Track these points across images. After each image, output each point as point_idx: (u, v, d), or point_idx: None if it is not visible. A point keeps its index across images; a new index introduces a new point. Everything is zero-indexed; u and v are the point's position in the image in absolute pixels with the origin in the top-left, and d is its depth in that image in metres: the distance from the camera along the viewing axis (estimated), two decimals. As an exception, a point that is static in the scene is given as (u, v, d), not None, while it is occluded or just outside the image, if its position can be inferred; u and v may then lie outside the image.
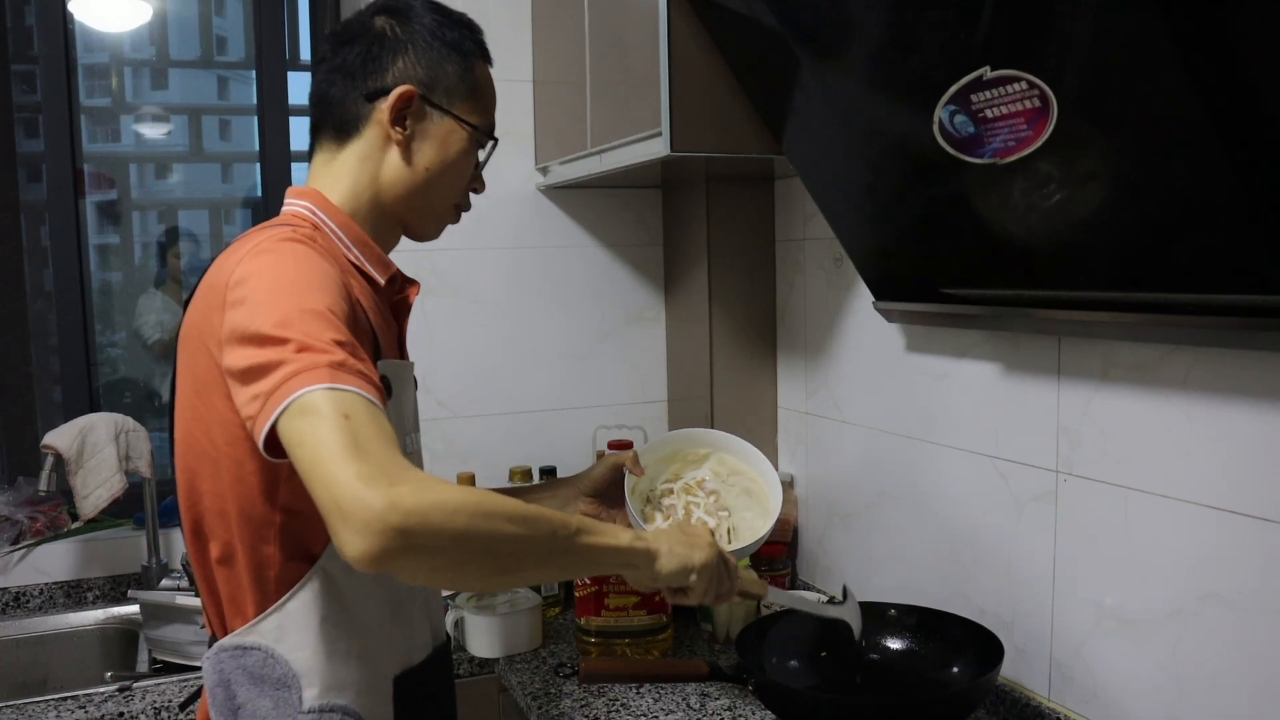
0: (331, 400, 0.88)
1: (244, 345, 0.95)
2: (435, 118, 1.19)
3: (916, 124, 1.20)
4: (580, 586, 1.78)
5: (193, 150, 3.85)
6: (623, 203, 2.30)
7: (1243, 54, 0.89)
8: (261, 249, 1.04)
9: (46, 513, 2.16)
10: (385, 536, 0.83)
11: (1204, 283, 1.08)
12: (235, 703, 1.09)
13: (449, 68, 1.19)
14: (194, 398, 1.07)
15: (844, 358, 1.92)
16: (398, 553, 0.83)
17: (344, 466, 0.85)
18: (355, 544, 0.83)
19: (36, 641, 2.02)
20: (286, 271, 1.01)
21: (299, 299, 0.97)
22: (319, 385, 0.89)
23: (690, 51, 1.58)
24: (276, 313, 0.95)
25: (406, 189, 1.19)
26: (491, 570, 0.93)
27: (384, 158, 1.19)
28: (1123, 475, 1.33)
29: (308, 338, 0.93)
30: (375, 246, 1.20)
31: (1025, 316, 1.38)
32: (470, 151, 1.22)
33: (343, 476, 0.84)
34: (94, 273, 2.65)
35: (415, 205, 1.21)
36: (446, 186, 1.22)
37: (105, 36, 3.06)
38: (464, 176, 1.23)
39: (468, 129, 1.20)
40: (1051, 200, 1.16)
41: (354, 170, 1.19)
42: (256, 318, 0.95)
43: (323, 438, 0.86)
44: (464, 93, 1.20)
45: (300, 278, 1.00)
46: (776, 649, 1.53)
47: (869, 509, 1.86)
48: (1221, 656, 1.21)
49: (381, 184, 1.19)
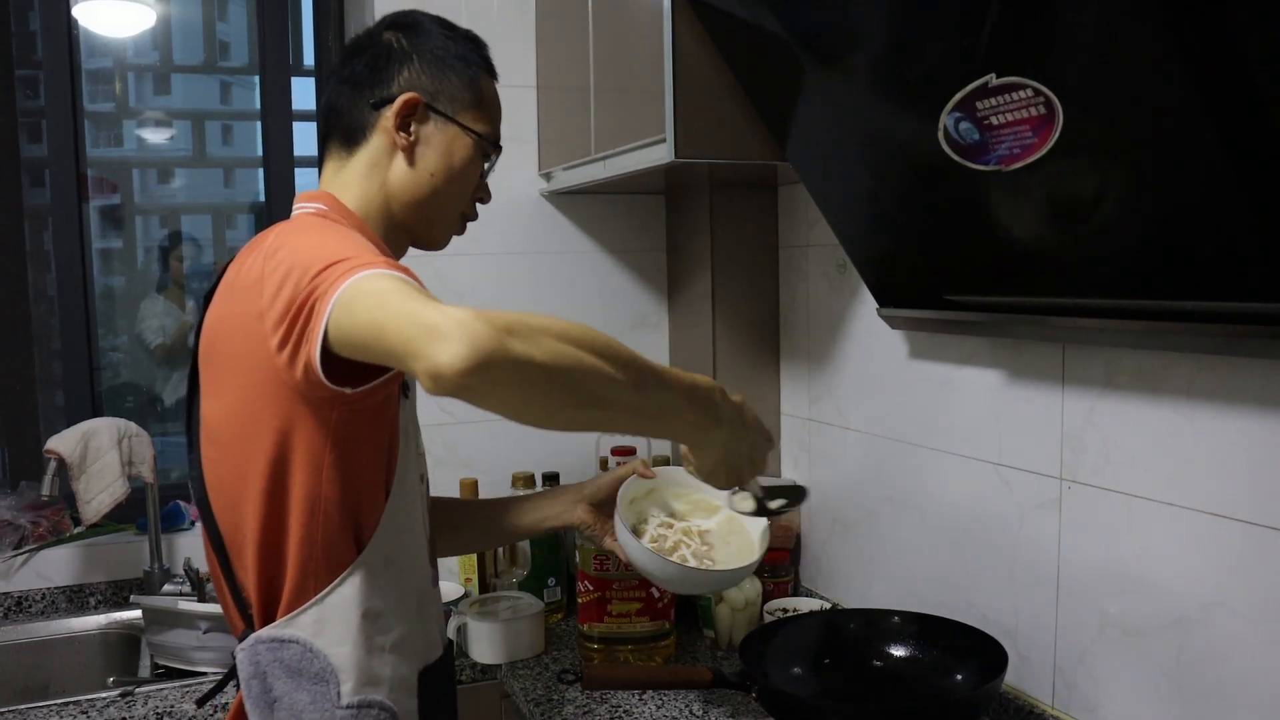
0: (388, 277, 0.92)
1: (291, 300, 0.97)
2: (440, 124, 1.22)
3: (921, 131, 1.20)
4: (582, 592, 1.78)
5: (195, 155, 3.85)
6: (626, 208, 2.31)
7: (1248, 61, 0.89)
8: (294, 227, 1.10)
9: (49, 517, 2.16)
10: (484, 339, 0.82)
11: (1209, 290, 1.08)
12: (272, 695, 1.11)
13: (453, 78, 1.23)
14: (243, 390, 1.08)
15: (847, 364, 1.92)
16: (496, 355, 0.82)
17: (420, 302, 0.87)
18: (454, 352, 0.81)
19: (39, 646, 2.02)
20: (328, 233, 1.07)
21: (341, 243, 1.01)
22: (369, 271, 0.93)
23: (694, 57, 1.58)
24: (321, 253, 0.98)
25: (413, 195, 1.22)
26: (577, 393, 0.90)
27: (391, 164, 1.22)
28: (1127, 483, 1.33)
29: (356, 251, 0.98)
30: (386, 248, 1.21)
31: (1029, 323, 1.38)
32: (475, 159, 1.25)
33: (427, 306, 0.86)
34: (96, 277, 2.65)
35: (422, 212, 1.24)
36: (452, 193, 1.25)
37: (109, 42, 3.06)
38: (470, 184, 1.26)
39: (472, 136, 1.24)
40: (1056, 207, 1.16)
41: (363, 177, 1.22)
42: (297, 266, 0.98)
43: (390, 293, 0.89)
44: (468, 102, 1.24)
45: (340, 234, 1.07)
46: (779, 656, 1.53)
47: (872, 516, 1.86)
48: (1226, 665, 1.21)
49: (390, 191, 1.22)
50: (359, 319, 0.90)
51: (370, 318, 0.89)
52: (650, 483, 1.45)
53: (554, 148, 2.15)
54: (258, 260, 1.06)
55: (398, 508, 1.15)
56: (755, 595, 1.86)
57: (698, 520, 1.45)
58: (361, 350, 0.92)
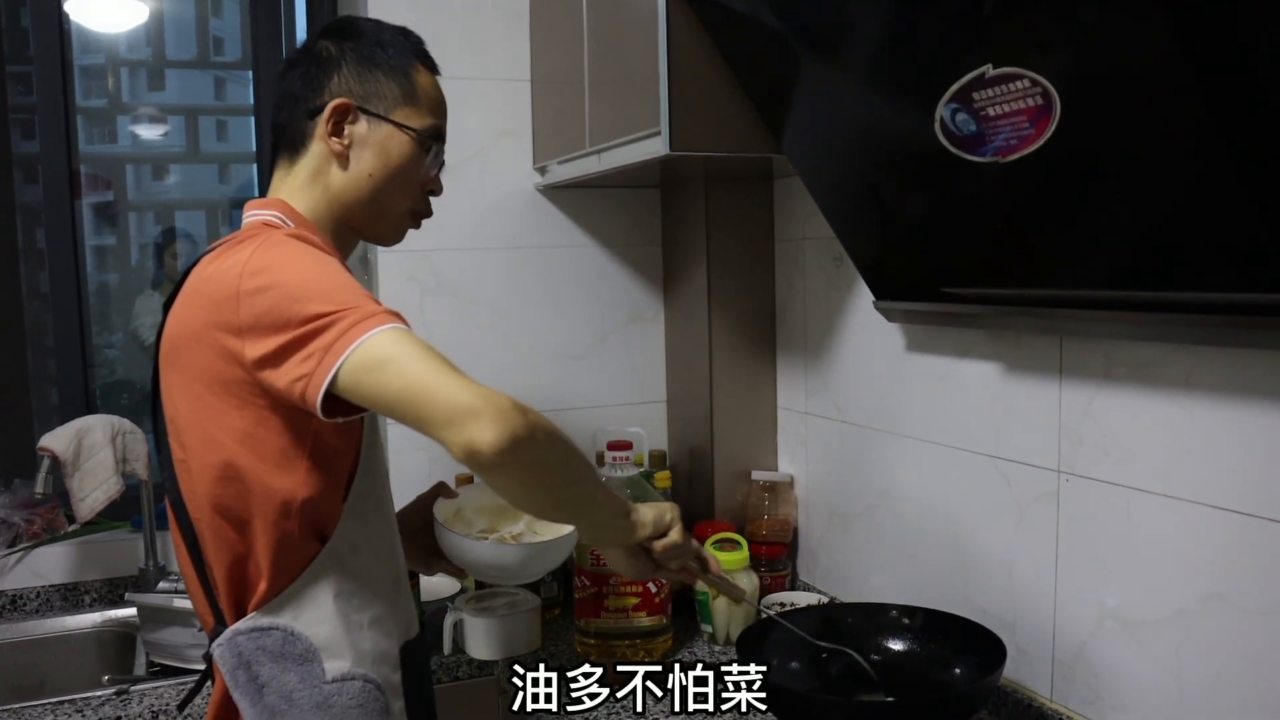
0: (404, 337, 0.99)
1: (283, 329, 1.02)
2: (373, 125, 1.24)
3: (918, 122, 1.20)
4: (579, 588, 1.77)
5: (189, 151, 3.84)
6: (621, 202, 2.30)
7: (1248, 50, 0.88)
8: (273, 243, 1.10)
9: (43, 515, 2.15)
10: (519, 425, 0.96)
11: (1207, 281, 1.08)
12: (259, 681, 1.14)
13: (382, 77, 1.25)
14: (206, 393, 1.10)
15: (844, 357, 1.91)
16: (526, 441, 0.97)
17: (454, 379, 0.97)
18: (490, 431, 0.94)
19: (33, 645, 2.01)
20: (310, 259, 1.08)
21: (333, 278, 1.05)
22: (385, 326, 0.99)
23: (689, 50, 1.58)
24: (316, 290, 1.02)
25: (355, 197, 1.25)
26: (567, 492, 1.11)
27: (331, 169, 1.25)
28: (1125, 475, 1.33)
29: (356, 299, 1.02)
30: (338, 251, 1.24)
31: (1027, 316, 1.37)
32: (416, 156, 1.26)
33: (459, 384, 0.96)
34: (90, 274, 2.63)
35: (368, 212, 1.27)
36: (394, 191, 1.26)
37: (101, 37, 3.04)
38: (413, 180, 1.27)
39: (408, 133, 1.25)
40: (1053, 199, 1.16)
41: (306, 184, 1.25)
42: (296, 301, 1.02)
43: (417, 360, 0.97)
44: (399, 98, 1.26)
45: (324, 263, 1.08)
46: (777, 650, 1.52)
47: (869, 509, 1.86)
48: (1225, 657, 1.21)
49: (333, 195, 1.25)
50: (389, 385, 0.97)
51: (403, 385, 0.97)
52: (455, 502, 1.48)
53: (548, 141, 2.14)
54: (231, 276, 1.07)
55: (363, 495, 1.19)
56: (753, 590, 1.86)
57: (508, 528, 1.50)
58: (384, 409, 1.00)
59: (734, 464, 2.13)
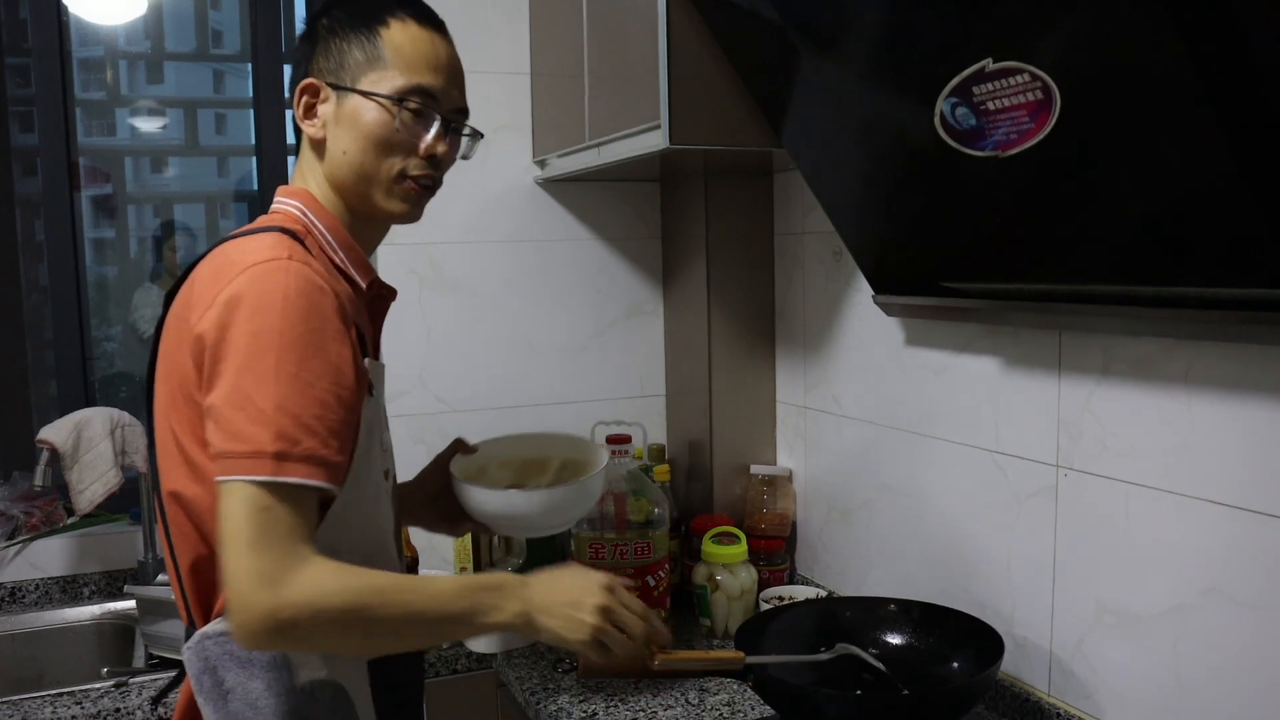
0: (260, 495, 1.00)
1: (226, 395, 1.02)
2: (340, 99, 1.18)
3: (917, 116, 1.19)
4: (578, 581, 1.77)
5: (188, 144, 3.84)
6: (621, 196, 2.29)
7: (1247, 45, 0.88)
8: (261, 272, 1.05)
9: (42, 508, 2.15)
10: (262, 636, 0.98)
11: (1207, 276, 1.08)
12: (224, 687, 1.10)
13: (346, 45, 1.19)
14: (175, 393, 1.09)
15: (843, 352, 1.91)
16: (273, 644, 1.03)
17: (244, 561, 0.98)
18: (238, 634, 0.99)
19: (32, 637, 2.01)
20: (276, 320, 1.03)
21: (286, 365, 1.02)
22: (257, 477, 0.99)
23: (689, 43, 1.57)
24: (260, 379, 1.01)
25: (343, 178, 1.20)
26: (366, 647, 1.11)
27: (321, 154, 1.21)
28: (1123, 470, 1.33)
29: (277, 416, 1.00)
30: (359, 249, 1.21)
31: (1026, 310, 1.37)
32: (388, 119, 1.17)
33: (241, 572, 0.98)
34: (90, 267, 2.64)
35: (358, 190, 1.20)
36: (374, 161, 1.18)
37: (100, 29, 3.04)
38: (394, 146, 1.18)
39: (375, 100, 1.17)
40: (1053, 193, 1.15)
41: (310, 173, 1.22)
42: (242, 374, 1.01)
43: (238, 527, 0.99)
44: (365, 62, 1.18)
45: (292, 333, 1.03)
46: (776, 643, 1.53)
47: (868, 504, 1.86)
48: (1222, 651, 1.21)
49: (330, 180, 1.21)
50: (219, 521, 1.01)
51: (219, 538, 1.01)
52: (476, 458, 1.44)
53: (548, 135, 2.14)
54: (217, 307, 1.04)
55: (350, 503, 1.11)
56: (751, 584, 1.86)
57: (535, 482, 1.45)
58: None
59: (733, 458, 2.13)
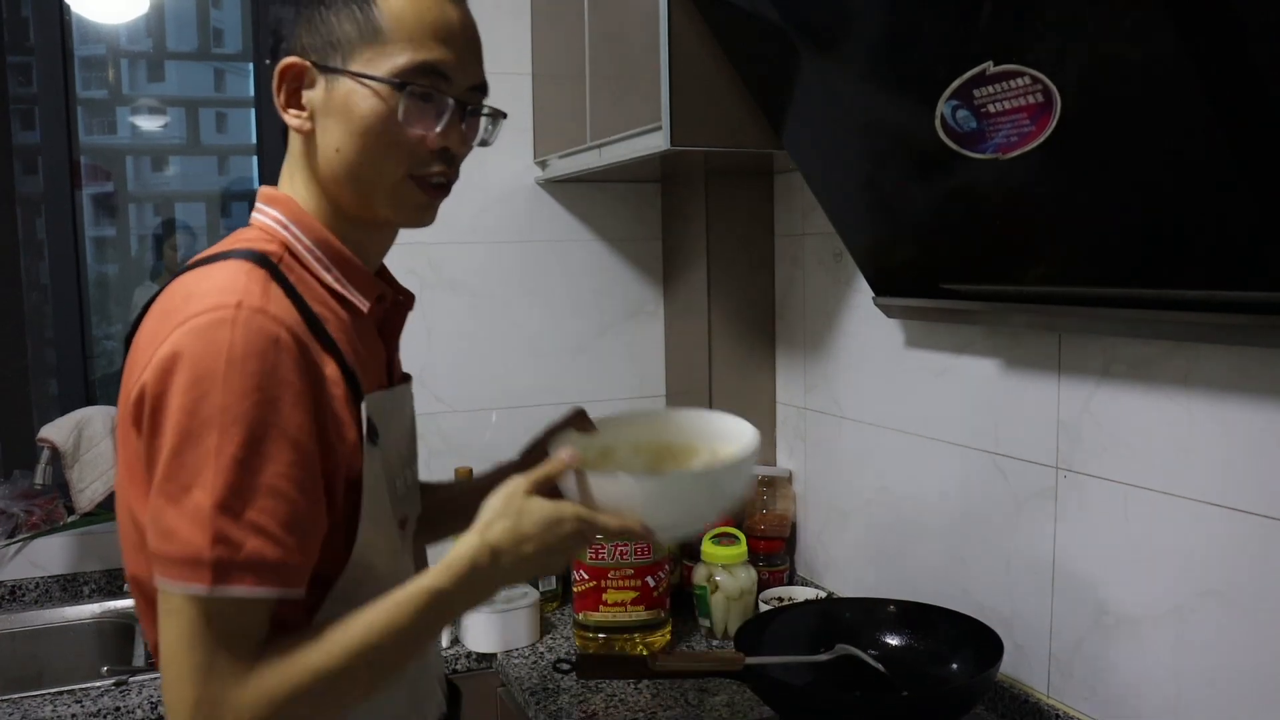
0: (197, 610, 0.86)
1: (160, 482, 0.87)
2: (331, 84, 0.99)
3: (918, 119, 1.20)
4: (579, 581, 1.78)
5: (189, 143, 3.84)
6: (621, 197, 2.30)
7: (1247, 48, 0.88)
8: (202, 326, 0.88)
9: (42, 506, 2.15)
10: None
11: (1206, 279, 1.08)
12: None
13: (333, 18, 0.99)
14: (131, 462, 0.95)
15: (843, 353, 1.91)
16: None
17: (181, 689, 0.86)
18: None
19: (32, 635, 2.01)
20: (217, 391, 0.86)
21: (228, 447, 0.86)
22: (193, 589, 0.85)
23: (690, 45, 1.58)
24: (197, 465, 0.86)
25: (336, 179, 1.01)
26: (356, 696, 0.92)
27: (309, 150, 1.02)
28: (1123, 472, 1.33)
29: (215, 515, 0.85)
30: (357, 262, 1.03)
31: (1026, 312, 1.37)
32: (387, 107, 0.98)
33: (177, 703, 0.86)
34: (90, 265, 2.64)
35: (356, 194, 1.02)
36: (375, 159, 0.99)
37: (102, 28, 3.04)
38: (396, 141, 0.99)
39: (371, 84, 0.97)
40: (1053, 195, 1.16)
41: (300, 173, 1.04)
42: (177, 458, 0.86)
43: (172, 648, 0.86)
44: (358, 39, 0.98)
45: (236, 407, 0.86)
46: (775, 644, 1.53)
47: (868, 505, 1.86)
48: (1221, 653, 1.21)
49: (320, 181, 1.03)
50: (161, 636, 0.88)
51: (159, 652, 0.89)
52: (596, 440, 1.17)
53: (549, 136, 2.14)
54: (154, 367, 0.88)
55: (359, 580, 0.97)
56: (750, 584, 1.86)
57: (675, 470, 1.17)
58: None
59: (733, 458, 2.13)
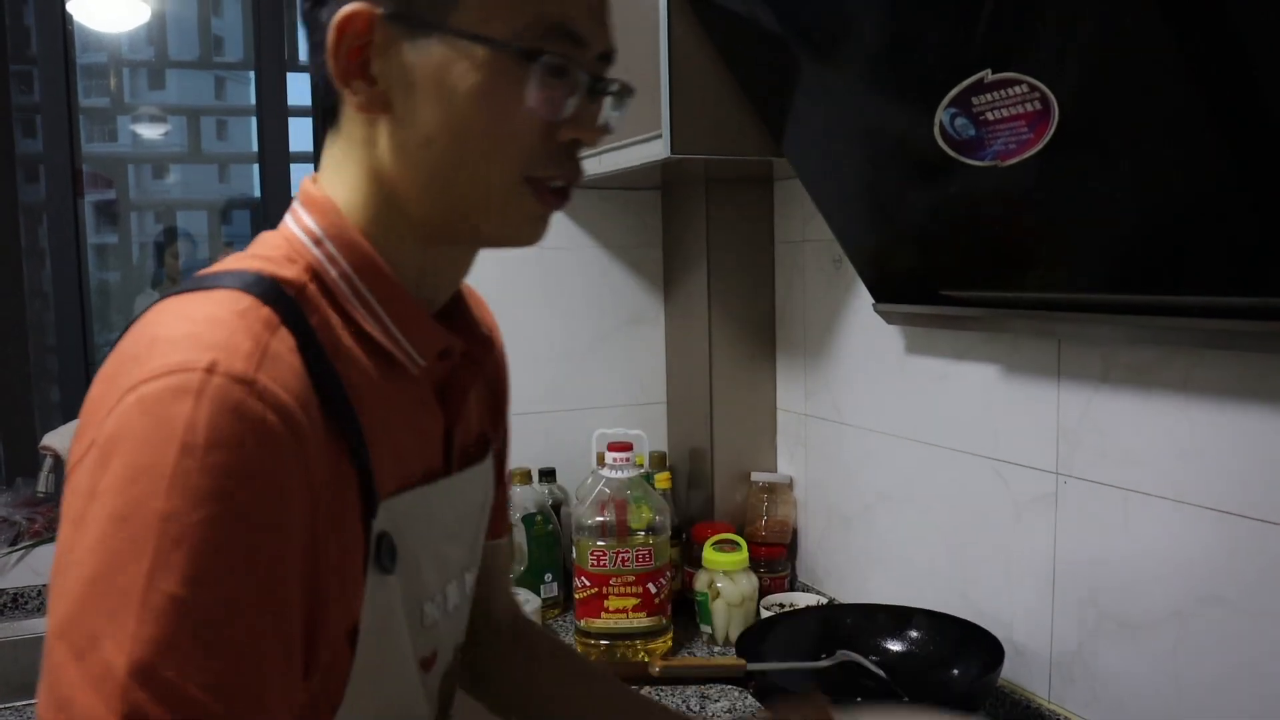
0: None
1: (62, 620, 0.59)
2: (420, 48, 0.70)
3: (917, 126, 1.20)
4: (580, 588, 1.78)
5: (190, 151, 3.86)
6: (621, 204, 2.30)
7: (1244, 54, 0.89)
8: (152, 398, 0.62)
9: (45, 514, 2.15)
10: None
11: (1205, 284, 1.08)
12: None
13: None
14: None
15: (843, 359, 1.92)
16: None
17: None
18: None
19: (35, 643, 2.01)
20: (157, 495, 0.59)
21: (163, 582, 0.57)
22: None
23: (690, 53, 1.58)
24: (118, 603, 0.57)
25: (417, 181, 0.73)
26: None
27: (372, 137, 0.74)
28: (1123, 477, 1.33)
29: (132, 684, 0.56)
30: (414, 300, 0.76)
31: (1025, 318, 1.38)
32: (510, 80, 0.71)
33: None
34: (92, 273, 2.65)
35: (447, 200, 0.74)
36: (484, 155, 0.72)
37: (103, 37, 3.05)
38: (515, 131, 0.73)
39: (485, 46, 0.70)
40: (1052, 202, 1.16)
41: (349, 168, 0.76)
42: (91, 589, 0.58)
43: None
44: None
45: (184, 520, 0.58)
46: (776, 651, 1.53)
47: (868, 511, 1.86)
48: (1222, 659, 1.21)
49: (386, 180, 0.74)
50: None
51: None
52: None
53: (550, 143, 2.15)
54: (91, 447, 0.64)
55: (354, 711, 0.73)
56: (752, 591, 1.86)
57: None
58: None
59: (733, 465, 2.14)
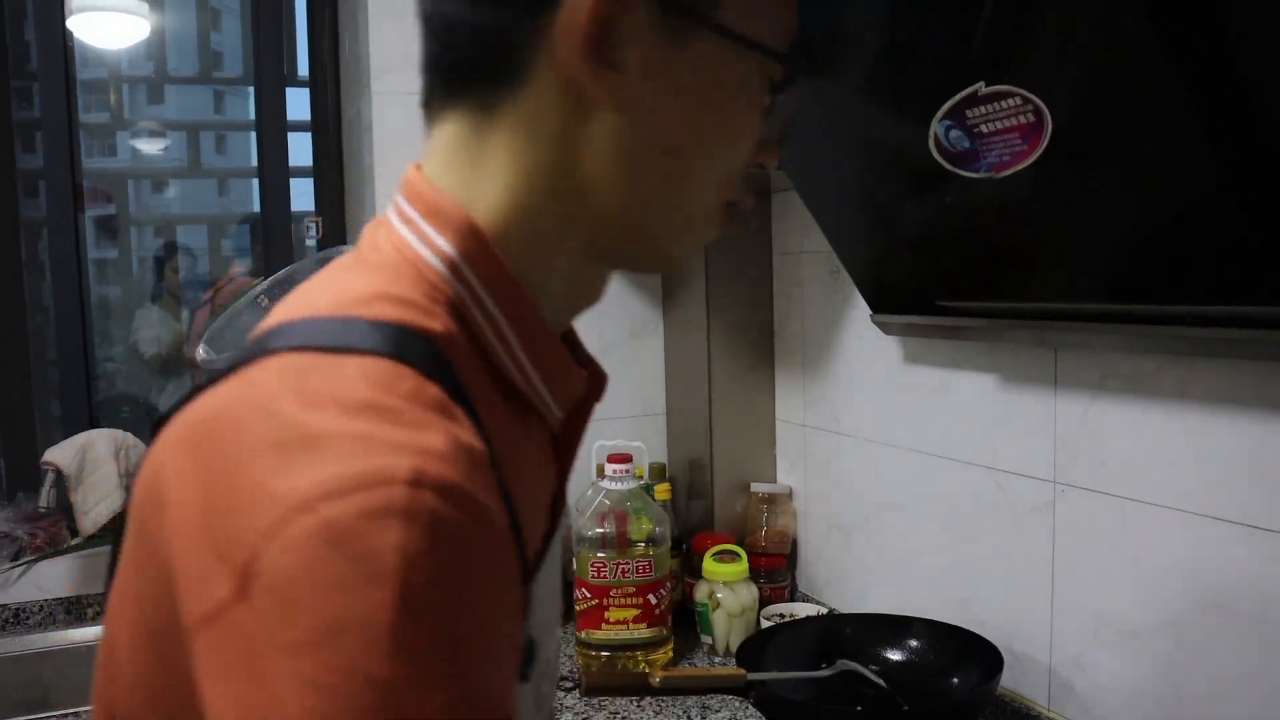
0: None
1: None
2: (685, 40, 0.59)
3: (912, 138, 1.21)
4: (581, 599, 1.78)
5: (190, 166, 3.87)
6: (620, 216, 2.31)
7: (1237, 66, 0.90)
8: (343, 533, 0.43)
9: (46, 529, 2.16)
10: None
11: (1201, 294, 1.09)
12: None
13: None
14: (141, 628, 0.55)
15: (841, 370, 1.92)
16: None
17: None
18: None
19: (37, 658, 2.01)
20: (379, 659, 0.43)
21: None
22: None
23: (687, 67, 1.59)
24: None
25: (622, 190, 0.61)
26: None
27: (573, 133, 0.59)
28: (1120, 486, 1.34)
29: None
30: (559, 347, 0.66)
31: (1022, 328, 1.38)
32: (755, 94, 0.63)
33: None
34: (92, 287, 2.65)
35: (646, 220, 0.64)
36: (720, 167, 0.64)
37: (103, 52, 3.06)
38: (750, 146, 0.66)
39: (758, 53, 0.61)
40: (1047, 213, 1.17)
41: (501, 163, 0.60)
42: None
43: None
44: None
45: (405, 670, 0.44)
46: (777, 661, 1.53)
47: (867, 521, 1.87)
48: (1220, 666, 1.22)
49: (573, 185, 0.61)
50: None
51: None
52: None
53: (548, 156, 2.16)
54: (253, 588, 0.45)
55: None
56: (752, 601, 1.87)
57: None
58: None
59: (733, 476, 2.14)
